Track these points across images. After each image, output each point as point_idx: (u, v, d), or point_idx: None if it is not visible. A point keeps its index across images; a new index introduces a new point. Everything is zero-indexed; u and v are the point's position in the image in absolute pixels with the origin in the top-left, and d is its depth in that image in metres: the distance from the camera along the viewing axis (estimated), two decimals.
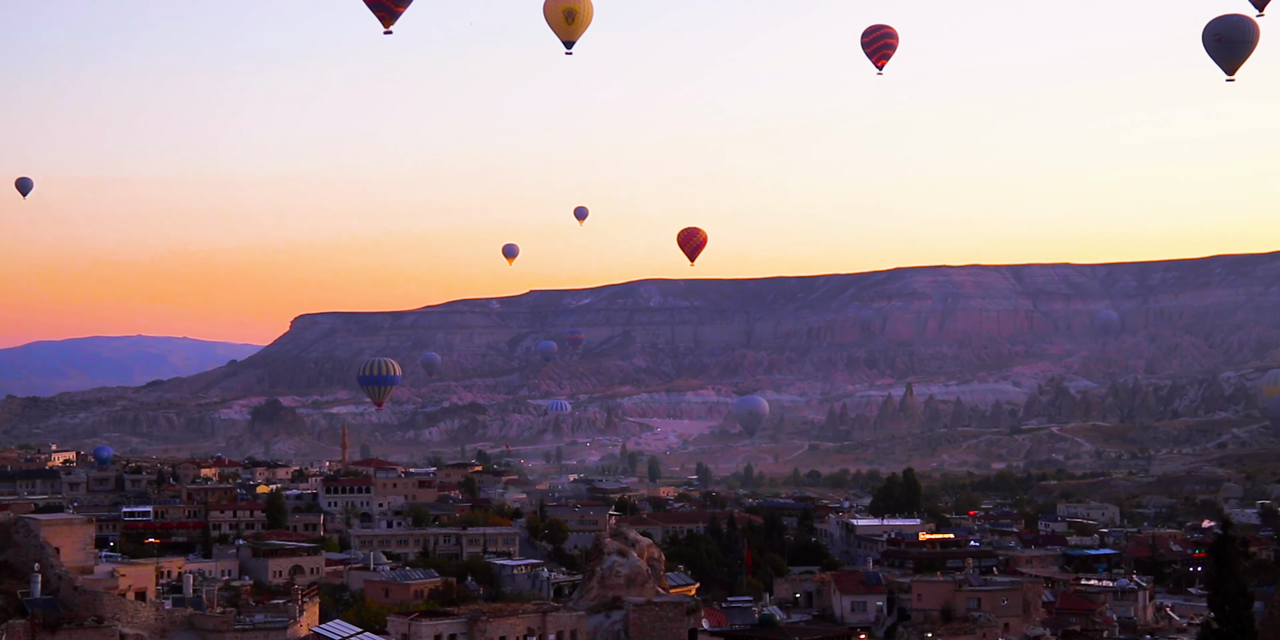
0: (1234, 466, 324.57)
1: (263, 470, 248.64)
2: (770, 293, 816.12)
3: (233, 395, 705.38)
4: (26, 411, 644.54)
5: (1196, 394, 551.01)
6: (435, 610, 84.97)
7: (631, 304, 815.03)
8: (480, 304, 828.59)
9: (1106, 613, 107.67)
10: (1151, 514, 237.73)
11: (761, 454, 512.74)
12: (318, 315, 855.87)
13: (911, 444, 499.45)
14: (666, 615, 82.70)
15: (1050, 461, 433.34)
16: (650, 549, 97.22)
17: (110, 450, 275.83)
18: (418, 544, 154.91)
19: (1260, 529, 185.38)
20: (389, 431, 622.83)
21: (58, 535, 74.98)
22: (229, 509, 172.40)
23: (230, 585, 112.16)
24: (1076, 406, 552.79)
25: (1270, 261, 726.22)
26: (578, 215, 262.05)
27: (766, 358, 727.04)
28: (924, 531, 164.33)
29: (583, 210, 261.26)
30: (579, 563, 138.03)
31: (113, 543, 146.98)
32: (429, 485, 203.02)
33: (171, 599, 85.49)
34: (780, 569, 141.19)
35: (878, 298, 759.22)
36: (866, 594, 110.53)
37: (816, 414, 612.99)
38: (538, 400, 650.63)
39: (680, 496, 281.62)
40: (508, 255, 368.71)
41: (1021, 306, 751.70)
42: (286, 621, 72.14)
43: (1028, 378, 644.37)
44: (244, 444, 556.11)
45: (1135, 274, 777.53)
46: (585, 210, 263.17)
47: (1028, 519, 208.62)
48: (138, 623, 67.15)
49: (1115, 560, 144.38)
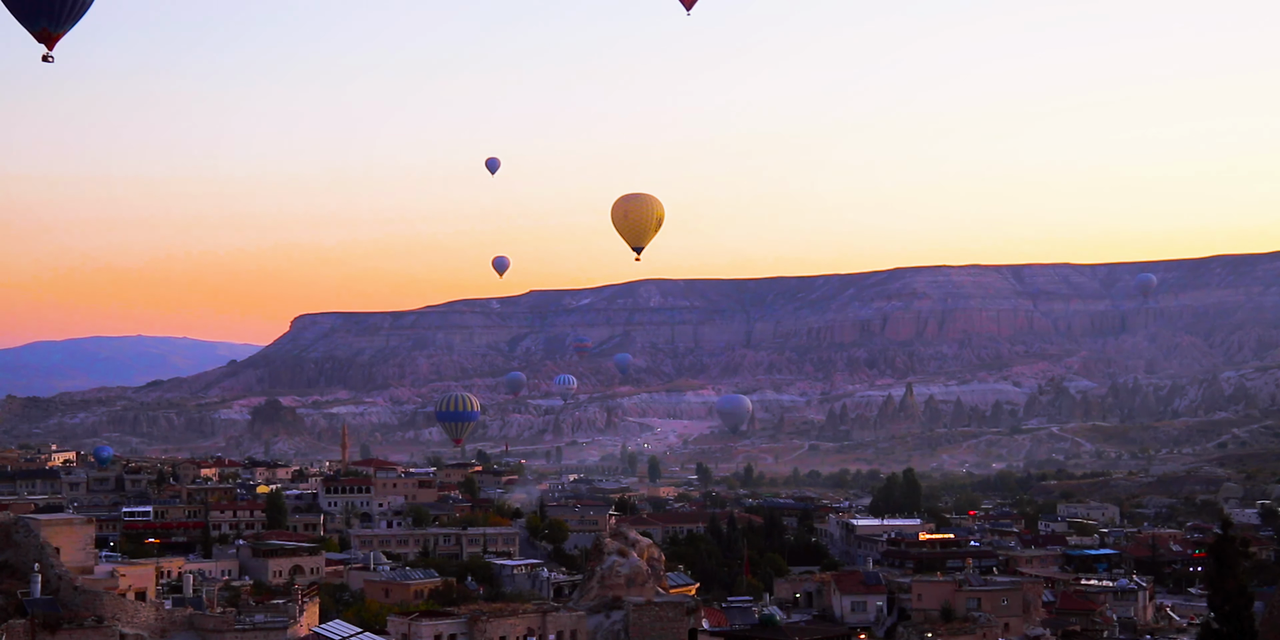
0: (1234, 466, 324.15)
1: (263, 470, 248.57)
2: (770, 293, 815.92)
3: (233, 395, 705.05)
4: (26, 411, 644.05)
5: (1196, 394, 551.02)
6: (435, 610, 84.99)
7: (631, 304, 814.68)
8: (480, 304, 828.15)
9: (1106, 613, 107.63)
10: (1151, 514, 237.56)
11: (761, 454, 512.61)
12: (318, 315, 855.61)
13: (911, 444, 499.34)
14: (666, 615, 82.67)
15: (1050, 461, 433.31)
16: (650, 549, 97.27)
17: (110, 450, 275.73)
18: (418, 544, 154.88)
19: (1260, 529, 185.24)
20: (389, 431, 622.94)
21: (58, 535, 74.95)
22: (229, 509, 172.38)
23: (230, 585, 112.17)
24: (1076, 406, 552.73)
25: (1270, 261, 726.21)
26: (489, 166, 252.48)
27: (766, 358, 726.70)
28: (924, 531, 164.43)
29: (494, 161, 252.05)
30: (579, 563, 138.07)
31: (113, 543, 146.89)
32: (429, 485, 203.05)
33: (171, 599, 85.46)
34: (780, 569, 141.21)
35: (878, 298, 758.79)
36: (866, 594, 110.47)
37: (816, 414, 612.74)
38: (537, 400, 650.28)
39: (680, 496, 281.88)
40: (498, 269, 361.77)
41: (1021, 306, 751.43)
42: (286, 621, 72.11)
43: (1028, 378, 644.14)
44: (244, 444, 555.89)
45: (1135, 274, 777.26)
46: (496, 161, 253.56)
47: (1028, 519, 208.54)
48: (138, 623, 67.12)
49: (1115, 560, 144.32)
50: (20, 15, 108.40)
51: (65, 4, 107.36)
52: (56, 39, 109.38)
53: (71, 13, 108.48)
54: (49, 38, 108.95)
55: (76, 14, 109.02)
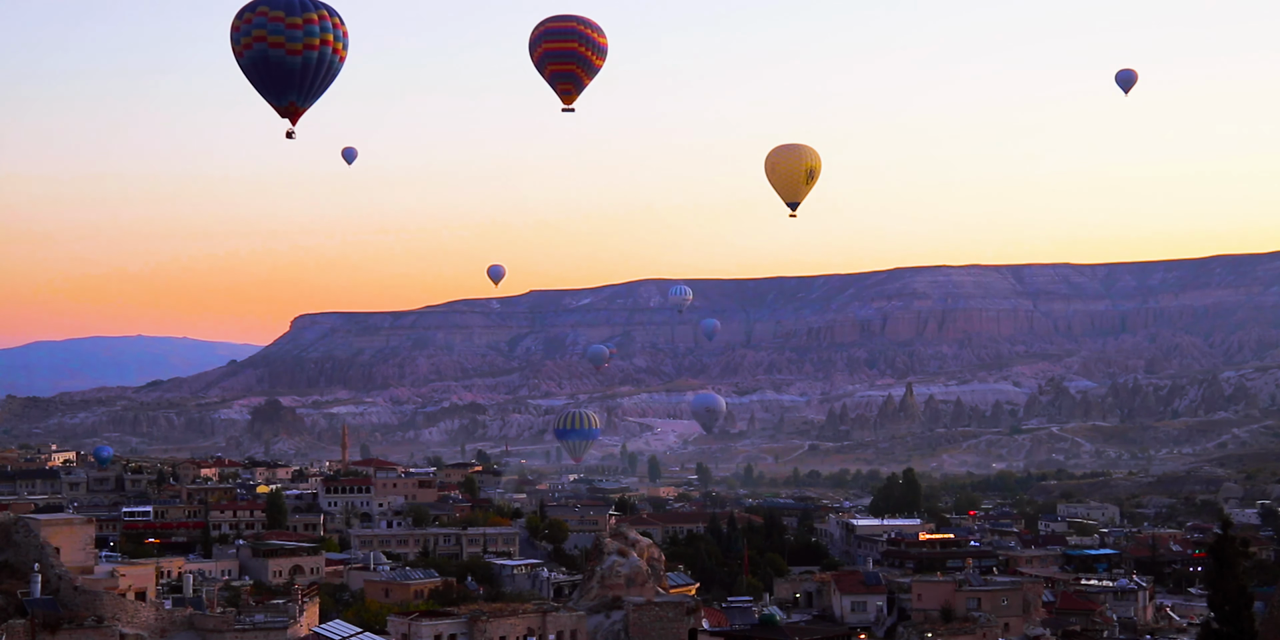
0: (1234, 466, 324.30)
1: (263, 470, 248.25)
2: (770, 293, 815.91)
3: (233, 395, 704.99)
4: (26, 411, 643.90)
5: (1196, 394, 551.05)
6: (435, 610, 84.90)
7: (631, 304, 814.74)
8: (480, 304, 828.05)
9: (1106, 613, 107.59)
10: (1151, 514, 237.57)
11: (761, 454, 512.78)
12: (318, 315, 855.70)
13: (911, 444, 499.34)
14: (666, 615, 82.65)
15: (1050, 461, 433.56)
16: (650, 549, 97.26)
17: (110, 450, 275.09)
18: (418, 544, 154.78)
19: (1260, 529, 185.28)
20: (389, 431, 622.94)
21: (58, 535, 74.85)
22: (229, 509, 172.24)
23: (230, 585, 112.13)
24: (1076, 406, 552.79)
25: (1270, 261, 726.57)
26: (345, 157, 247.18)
27: (766, 358, 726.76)
28: (924, 531, 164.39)
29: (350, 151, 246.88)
30: (579, 563, 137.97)
31: (113, 543, 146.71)
32: (429, 485, 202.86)
33: (171, 599, 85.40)
34: (780, 569, 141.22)
35: (878, 298, 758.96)
36: (866, 594, 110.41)
37: (816, 414, 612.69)
38: (537, 400, 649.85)
39: (680, 496, 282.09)
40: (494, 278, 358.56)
41: (1021, 306, 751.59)
42: (286, 621, 72.04)
43: (1028, 378, 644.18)
44: (244, 444, 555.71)
45: (1135, 274, 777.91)
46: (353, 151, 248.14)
47: (1028, 519, 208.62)
48: (138, 623, 67.10)
49: (1115, 560, 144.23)
50: (268, 91, 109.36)
51: (315, 78, 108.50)
52: (300, 113, 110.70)
53: (319, 86, 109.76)
54: (294, 112, 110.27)
55: (322, 87, 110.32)
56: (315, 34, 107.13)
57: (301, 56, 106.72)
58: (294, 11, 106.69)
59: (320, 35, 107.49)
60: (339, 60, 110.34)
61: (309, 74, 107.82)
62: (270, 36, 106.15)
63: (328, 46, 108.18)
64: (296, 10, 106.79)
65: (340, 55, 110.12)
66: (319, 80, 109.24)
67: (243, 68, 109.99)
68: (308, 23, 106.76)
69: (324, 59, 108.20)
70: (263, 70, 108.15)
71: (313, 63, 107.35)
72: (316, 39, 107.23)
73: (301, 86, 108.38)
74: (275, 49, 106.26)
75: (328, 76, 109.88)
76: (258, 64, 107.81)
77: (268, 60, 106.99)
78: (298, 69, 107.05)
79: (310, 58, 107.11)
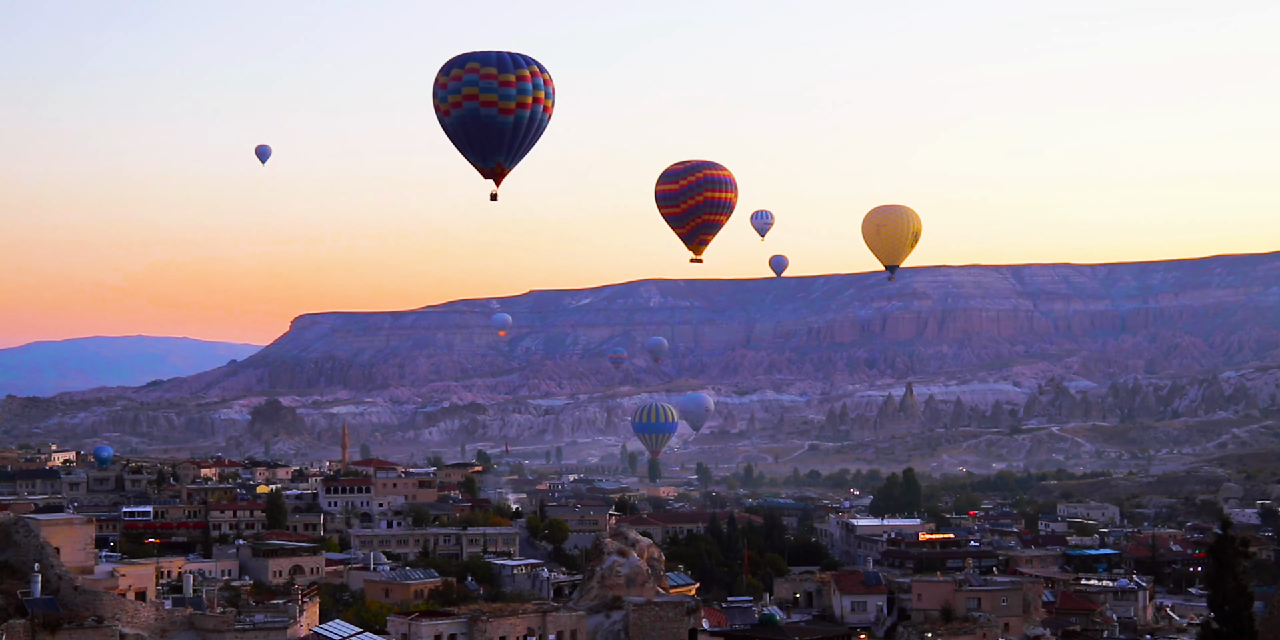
0: (1234, 466, 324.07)
1: (263, 470, 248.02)
2: (770, 293, 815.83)
3: (233, 395, 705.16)
4: (26, 411, 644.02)
5: (1196, 394, 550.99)
6: (435, 610, 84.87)
7: (631, 304, 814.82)
8: (480, 304, 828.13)
9: (1106, 613, 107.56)
10: (1151, 514, 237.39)
11: (761, 454, 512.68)
12: (318, 315, 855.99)
13: (911, 444, 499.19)
14: (666, 615, 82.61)
15: (1050, 461, 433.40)
16: (650, 549, 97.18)
17: (110, 450, 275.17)
18: (418, 544, 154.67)
19: (1260, 529, 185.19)
20: (389, 431, 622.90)
21: (58, 535, 74.80)
22: (229, 509, 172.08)
23: (230, 585, 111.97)
24: (1076, 406, 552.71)
25: (1270, 261, 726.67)
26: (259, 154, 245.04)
27: (766, 358, 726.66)
28: (924, 531, 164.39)
29: (264, 149, 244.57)
30: (579, 563, 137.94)
31: (113, 543, 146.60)
32: (429, 485, 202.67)
33: (171, 599, 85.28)
34: (780, 569, 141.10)
35: (878, 298, 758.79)
36: (866, 594, 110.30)
37: (816, 414, 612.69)
38: (537, 400, 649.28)
39: (680, 496, 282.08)
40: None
41: (1021, 306, 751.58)
42: (286, 621, 72.04)
43: (1028, 378, 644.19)
44: (244, 444, 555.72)
45: (1135, 274, 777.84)
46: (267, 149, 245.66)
47: (1028, 519, 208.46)
48: (138, 623, 67.07)
49: (1115, 560, 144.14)
50: (474, 152, 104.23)
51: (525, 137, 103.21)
52: (505, 174, 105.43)
53: (527, 145, 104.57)
54: (500, 173, 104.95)
55: (529, 145, 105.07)
56: (528, 92, 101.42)
57: (514, 115, 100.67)
58: (506, 68, 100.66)
59: (533, 93, 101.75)
60: (548, 118, 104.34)
61: (519, 133, 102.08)
62: (482, 95, 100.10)
63: (539, 104, 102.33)
64: (509, 67, 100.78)
65: (549, 112, 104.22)
66: (528, 139, 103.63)
67: (446, 127, 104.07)
68: (520, 80, 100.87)
69: (534, 117, 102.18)
70: (472, 130, 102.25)
71: (524, 122, 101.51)
72: (530, 97, 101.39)
73: (510, 146, 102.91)
74: (487, 108, 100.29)
75: (536, 134, 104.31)
76: (467, 123, 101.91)
77: (478, 119, 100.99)
78: (509, 128, 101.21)
79: (522, 117, 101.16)
